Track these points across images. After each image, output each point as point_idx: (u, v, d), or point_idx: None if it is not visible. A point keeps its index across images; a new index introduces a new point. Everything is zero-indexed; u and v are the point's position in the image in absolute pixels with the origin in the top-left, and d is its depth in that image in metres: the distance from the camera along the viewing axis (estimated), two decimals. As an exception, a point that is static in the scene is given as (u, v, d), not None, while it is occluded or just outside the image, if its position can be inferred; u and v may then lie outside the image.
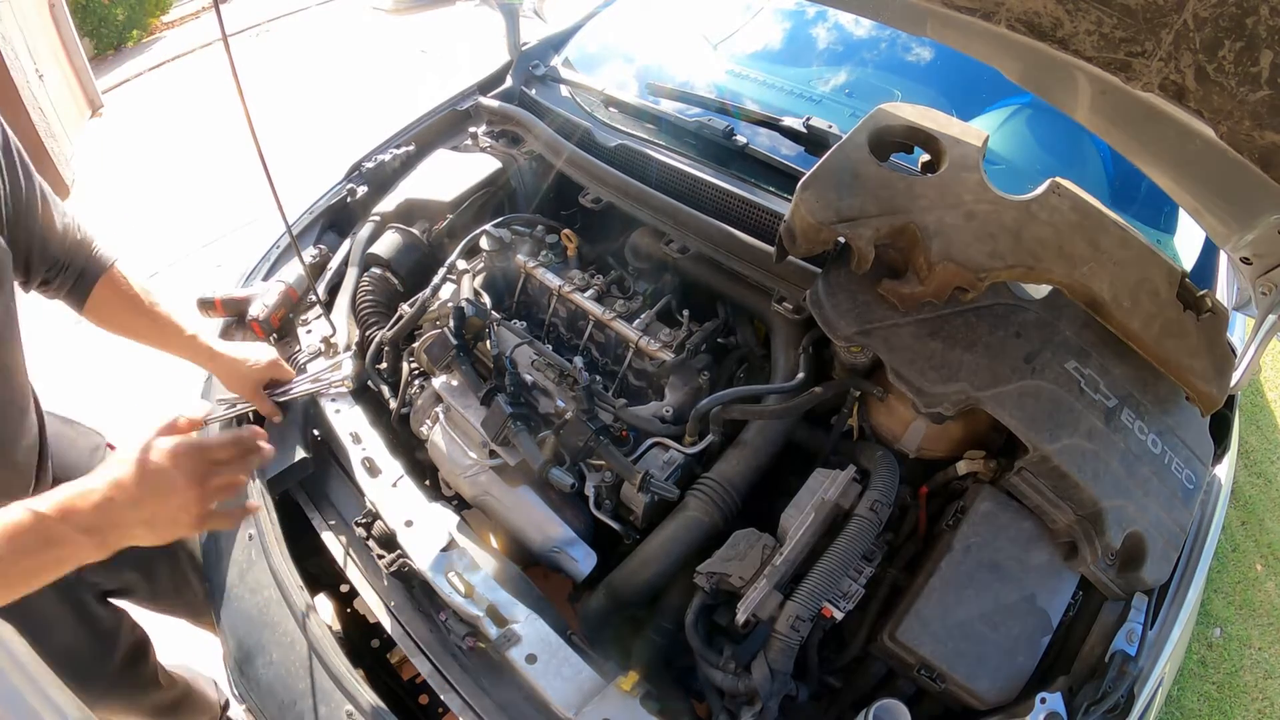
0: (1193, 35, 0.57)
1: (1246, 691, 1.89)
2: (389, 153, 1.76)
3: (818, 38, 1.86)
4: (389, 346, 1.36)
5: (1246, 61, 0.55)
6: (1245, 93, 0.57)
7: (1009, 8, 0.67)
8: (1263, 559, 2.19)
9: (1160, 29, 0.58)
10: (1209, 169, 0.75)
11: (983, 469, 1.05)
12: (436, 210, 1.56)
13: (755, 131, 1.48)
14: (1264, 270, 0.86)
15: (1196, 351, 0.98)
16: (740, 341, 1.34)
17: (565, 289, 1.39)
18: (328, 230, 1.66)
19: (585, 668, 0.93)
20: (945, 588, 0.94)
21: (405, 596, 1.08)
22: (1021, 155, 1.51)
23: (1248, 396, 2.70)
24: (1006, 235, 0.96)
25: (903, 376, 0.99)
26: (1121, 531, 0.92)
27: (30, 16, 4.35)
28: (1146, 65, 0.61)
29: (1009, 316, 1.04)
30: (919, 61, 1.73)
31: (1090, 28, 0.63)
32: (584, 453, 1.10)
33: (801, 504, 1.01)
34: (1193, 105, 0.61)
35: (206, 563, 1.20)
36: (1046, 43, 0.67)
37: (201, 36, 6.45)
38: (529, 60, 1.85)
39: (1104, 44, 0.63)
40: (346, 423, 1.24)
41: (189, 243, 3.61)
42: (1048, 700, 0.86)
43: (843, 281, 1.06)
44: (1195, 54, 0.58)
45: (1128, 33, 0.61)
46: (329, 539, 1.17)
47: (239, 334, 1.46)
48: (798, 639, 0.88)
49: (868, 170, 1.00)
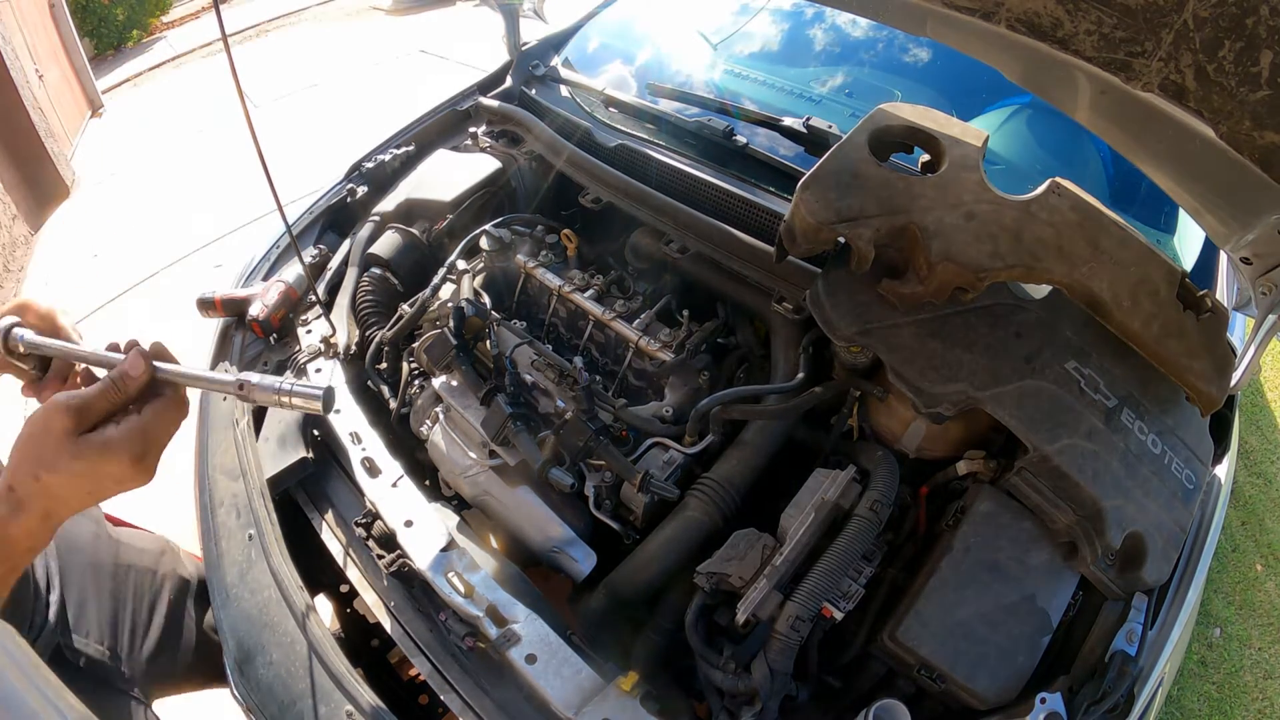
0: (1193, 35, 0.57)
1: (1246, 691, 1.89)
2: (389, 153, 1.77)
3: (817, 38, 1.86)
4: (389, 346, 1.36)
5: (1246, 61, 0.55)
6: (1245, 93, 0.57)
7: (1009, 8, 0.67)
8: (1263, 559, 2.19)
9: (1160, 29, 0.58)
10: (1209, 169, 0.74)
11: (983, 469, 1.05)
12: (436, 210, 1.56)
13: (755, 131, 1.48)
14: (1264, 270, 0.86)
15: (1196, 351, 0.98)
16: (740, 341, 1.34)
17: (565, 289, 1.39)
18: (328, 230, 1.66)
19: (585, 668, 0.93)
20: (945, 588, 0.94)
21: (405, 596, 1.08)
22: (1021, 155, 1.51)
23: (1248, 396, 2.70)
24: (1006, 235, 0.96)
25: (903, 376, 0.99)
26: (1121, 531, 0.92)
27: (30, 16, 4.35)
28: (1146, 65, 0.61)
29: (1009, 316, 1.04)
30: (919, 61, 1.73)
31: (1090, 28, 0.63)
32: (584, 453, 1.10)
33: (801, 504, 1.01)
34: (1193, 105, 0.61)
35: (207, 562, 1.20)
36: (1046, 43, 0.67)
37: (201, 36, 6.46)
38: (529, 60, 1.85)
39: (1104, 44, 0.63)
40: (346, 423, 1.24)
41: (189, 243, 3.61)
42: (1048, 700, 0.86)
43: (843, 281, 1.06)
44: (1195, 54, 0.58)
45: (1128, 33, 0.61)
46: (329, 539, 1.17)
47: (239, 334, 1.46)
48: (798, 639, 0.88)
49: (868, 170, 1.00)
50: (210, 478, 1.26)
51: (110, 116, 5.24)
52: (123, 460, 0.61)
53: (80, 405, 0.61)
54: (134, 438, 0.62)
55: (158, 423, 0.64)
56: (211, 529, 1.19)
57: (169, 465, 0.71)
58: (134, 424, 0.63)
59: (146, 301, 3.24)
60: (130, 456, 0.62)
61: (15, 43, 3.88)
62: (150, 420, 0.64)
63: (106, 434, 0.61)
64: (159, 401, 0.65)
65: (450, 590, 0.99)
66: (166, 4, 6.68)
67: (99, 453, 0.60)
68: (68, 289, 3.36)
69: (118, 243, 3.67)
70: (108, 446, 0.61)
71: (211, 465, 1.28)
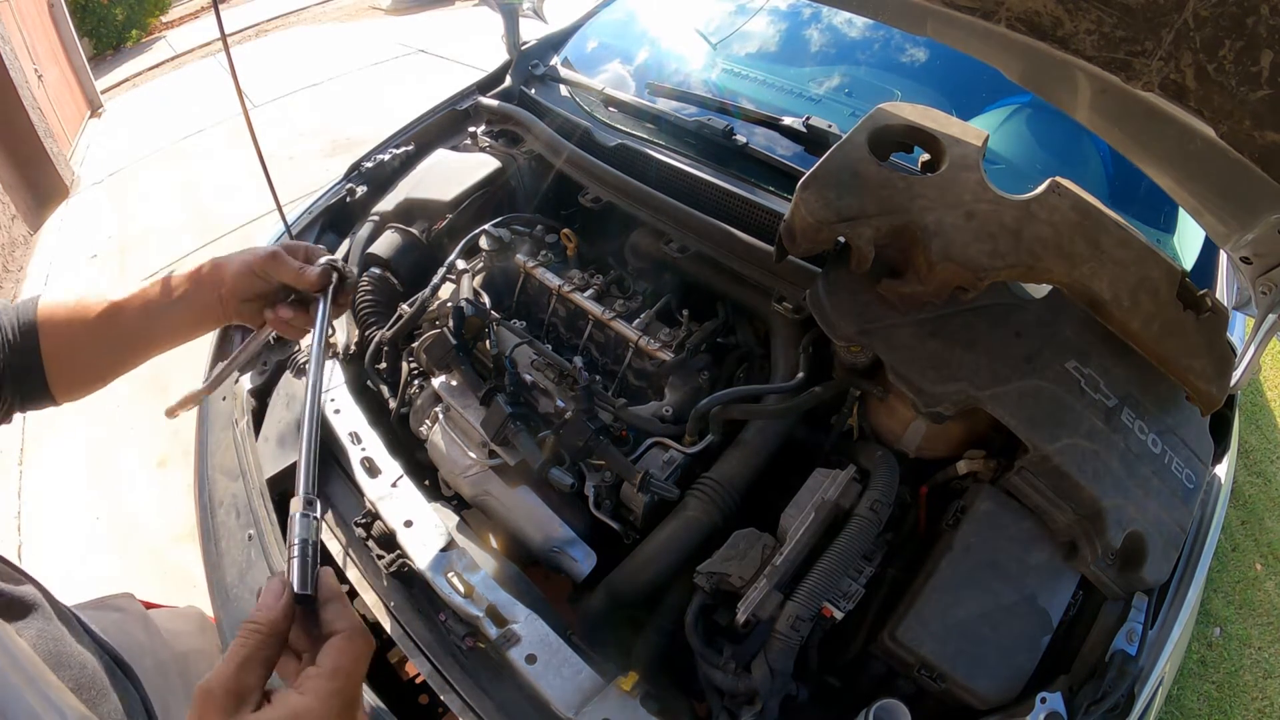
0: (1193, 35, 0.57)
1: (1246, 691, 1.89)
2: (389, 153, 1.76)
3: (817, 37, 1.86)
4: (388, 346, 1.36)
5: (1247, 61, 0.55)
6: (1245, 92, 0.57)
7: (1009, 7, 0.67)
8: (1263, 559, 2.19)
9: (1160, 28, 0.58)
10: (1209, 168, 0.74)
11: (983, 469, 1.05)
12: (436, 210, 1.56)
13: (755, 131, 1.48)
14: (1264, 270, 0.86)
15: (1196, 351, 0.98)
16: (740, 341, 1.33)
17: (565, 289, 1.39)
18: (327, 230, 1.66)
19: (585, 668, 0.93)
20: (945, 587, 0.94)
21: (405, 596, 1.08)
22: (1021, 155, 1.51)
23: (1248, 396, 2.70)
24: (1006, 235, 0.96)
25: (903, 376, 0.99)
26: (1121, 531, 0.92)
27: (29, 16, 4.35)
28: (1146, 65, 0.61)
29: (1009, 316, 1.04)
30: (919, 61, 1.73)
31: (1090, 27, 0.63)
32: (584, 453, 1.10)
33: (801, 504, 1.01)
34: (1193, 105, 0.61)
35: (207, 562, 1.20)
36: (1046, 42, 0.66)
37: (201, 36, 6.46)
38: (528, 60, 1.85)
39: (1104, 43, 0.63)
40: (346, 423, 1.24)
41: (188, 243, 3.61)
42: (1048, 700, 0.86)
43: (843, 281, 1.06)
44: (1195, 53, 0.58)
45: (1128, 32, 0.61)
46: (328, 539, 1.17)
47: (238, 333, 1.46)
48: (798, 639, 0.88)
49: (868, 170, 0.99)
50: (210, 478, 1.26)
51: (110, 116, 5.24)
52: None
53: (229, 682, 0.44)
54: (327, 699, 0.45)
55: (346, 664, 0.47)
56: (211, 529, 1.19)
57: (169, 466, 0.69)
58: (320, 683, 0.45)
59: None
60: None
61: (14, 42, 3.88)
62: (336, 665, 0.47)
63: (291, 705, 0.44)
64: (337, 641, 0.48)
65: (450, 590, 0.98)
66: (166, 4, 6.68)
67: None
68: (67, 289, 3.36)
69: (117, 243, 3.67)
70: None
71: (211, 465, 1.28)
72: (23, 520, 2.37)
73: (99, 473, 2.51)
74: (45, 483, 2.50)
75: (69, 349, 0.71)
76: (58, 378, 0.71)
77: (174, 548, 2.21)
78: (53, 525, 2.35)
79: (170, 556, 2.18)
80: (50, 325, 0.70)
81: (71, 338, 0.71)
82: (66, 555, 2.23)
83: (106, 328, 0.73)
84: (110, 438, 2.62)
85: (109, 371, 0.75)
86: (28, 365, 0.69)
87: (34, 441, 2.65)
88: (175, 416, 0.84)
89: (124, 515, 2.35)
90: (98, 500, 2.40)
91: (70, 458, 2.58)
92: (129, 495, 2.41)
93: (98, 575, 2.15)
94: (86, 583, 2.09)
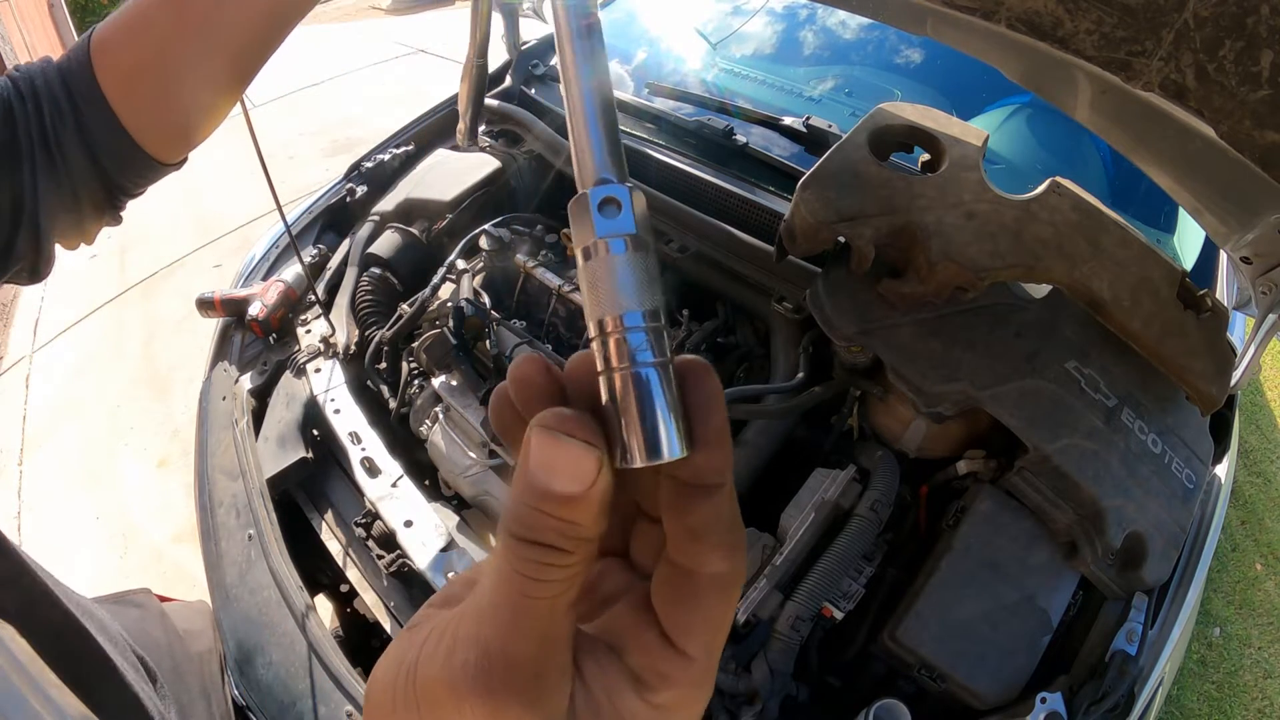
0: (1193, 34, 0.57)
1: (1246, 691, 1.89)
2: (389, 152, 1.77)
3: (817, 37, 1.86)
4: (388, 346, 1.36)
5: (1247, 61, 0.55)
6: (1246, 92, 0.57)
7: (1009, 6, 0.66)
8: (1263, 559, 2.19)
9: (1161, 28, 0.58)
10: (1209, 168, 0.74)
11: (983, 469, 1.05)
12: (436, 210, 1.56)
13: (755, 131, 1.48)
14: (1264, 270, 0.86)
15: (1196, 351, 0.98)
16: (740, 341, 1.33)
17: (565, 289, 1.39)
18: (327, 230, 1.67)
19: (585, 668, 0.93)
20: (945, 587, 0.94)
21: (405, 596, 1.08)
22: (1021, 155, 1.51)
23: (1248, 396, 2.70)
24: (1006, 235, 0.96)
25: (903, 376, 0.99)
26: (1121, 531, 0.92)
27: (29, 16, 4.35)
28: (1147, 64, 0.61)
29: (1009, 316, 1.04)
30: (919, 61, 1.73)
31: (1090, 27, 0.63)
32: (584, 452, 1.10)
33: (801, 504, 1.01)
34: (1193, 105, 0.60)
35: (207, 562, 1.20)
36: (1046, 42, 0.66)
37: (201, 36, 6.44)
38: (529, 60, 1.85)
39: (1104, 43, 0.63)
40: (346, 423, 1.24)
41: (188, 242, 3.61)
42: (1048, 700, 0.86)
43: (843, 281, 1.06)
44: (1196, 53, 0.58)
45: (1128, 32, 0.61)
46: (328, 539, 1.17)
47: (238, 334, 1.46)
48: (798, 639, 0.88)
49: (868, 170, 0.99)
50: (210, 477, 1.26)
51: (110, 116, 5.23)
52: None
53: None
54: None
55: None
56: (211, 529, 1.19)
57: (169, 466, 0.68)
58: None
59: (146, 302, 3.24)
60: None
61: (14, 42, 3.88)
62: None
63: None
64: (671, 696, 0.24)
65: (450, 590, 0.98)
66: (166, 4, 6.68)
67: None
68: (67, 289, 3.36)
69: (117, 242, 3.67)
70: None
71: (211, 465, 1.28)
72: (23, 520, 2.37)
73: (99, 472, 2.51)
74: (45, 482, 2.50)
75: (137, 74, 0.52)
76: (135, 118, 0.52)
77: (174, 548, 2.21)
78: (53, 525, 2.35)
79: (170, 556, 2.18)
80: (104, 55, 0.51)
81: (138, 57, 0.51)
82: (66, 555, 2.23)
83: (174, 22, 0.51)
84: (110, 437, 2.62)
85: (201, 90, 0.55)
86: (102, 119, 0.51)
87: (34, 441, 2.65)
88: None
89: (124, 515, 2.35)
90: (98, 500, 2.40)
91: (70, 457, 2.58)
92: (129, 495, 2.41)
93: (98, 575, 2.15)
94: (87, 583, 2.09)
